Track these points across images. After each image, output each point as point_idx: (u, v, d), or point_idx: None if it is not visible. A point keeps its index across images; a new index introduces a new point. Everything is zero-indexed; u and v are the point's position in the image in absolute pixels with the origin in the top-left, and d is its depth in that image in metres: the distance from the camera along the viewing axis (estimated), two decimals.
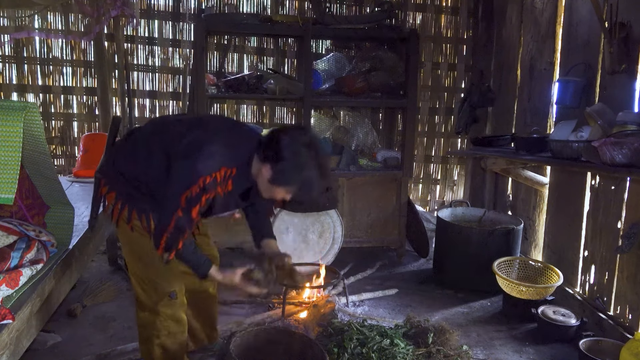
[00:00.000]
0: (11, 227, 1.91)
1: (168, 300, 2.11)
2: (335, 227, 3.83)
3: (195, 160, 1.78)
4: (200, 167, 1.77)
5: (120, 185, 1.98)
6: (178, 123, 2.01)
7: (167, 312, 2.12)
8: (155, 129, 2.03)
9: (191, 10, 4.53)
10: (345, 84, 3.88)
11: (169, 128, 1.99)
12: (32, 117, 1.90)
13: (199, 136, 1.86)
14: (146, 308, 2.13)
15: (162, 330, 2.13)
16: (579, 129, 2.72)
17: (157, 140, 1.95)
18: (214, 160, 1.80)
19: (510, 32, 4.25)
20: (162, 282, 2.09)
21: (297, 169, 1.78)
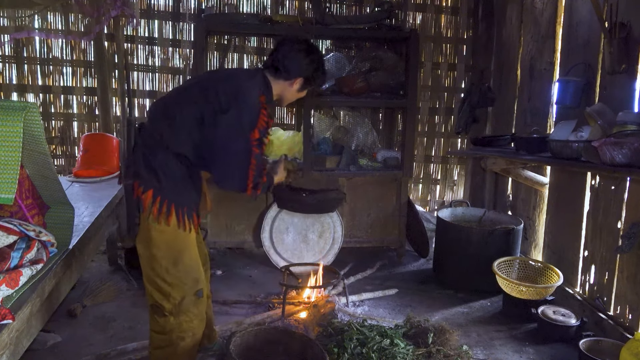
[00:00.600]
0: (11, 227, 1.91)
1: (195, 299, 2.11)
2: (335, 227, 3.83)
3: (246, 95, 2.00)
4: (254, 94, 2.02)
5: (156, 181, 2.00)
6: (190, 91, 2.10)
7: (194, 311, 2.11)
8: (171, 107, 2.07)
9: (191, 10, 4.53)
10: (345, 84, 3.88)
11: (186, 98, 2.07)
12: (32, 117, 1.90)
13: (231, 83, 2.04)
14: (170, 311, 2.07)
15: (187, 332, 2.11)
16: (579, 129, 2.72)
17: (181, 113, 2.02)
18: (256, 92, 2.04)
19: (510, 32, 4.25)
20: (190, 281, 2.09)
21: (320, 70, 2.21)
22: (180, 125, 2.01)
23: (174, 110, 2.04)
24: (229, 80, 2.06)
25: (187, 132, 2.01)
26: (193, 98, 2.04)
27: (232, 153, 1.97)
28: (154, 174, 2.00)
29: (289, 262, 3.67)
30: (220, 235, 3.86)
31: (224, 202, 3.79)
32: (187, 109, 2.02)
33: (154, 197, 1.99)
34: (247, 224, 3.88)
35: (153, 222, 2.01)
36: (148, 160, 2.01)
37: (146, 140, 2.05)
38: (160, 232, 2.03)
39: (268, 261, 3.81)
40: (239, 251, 4.17)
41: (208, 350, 2.51)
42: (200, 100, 2.01)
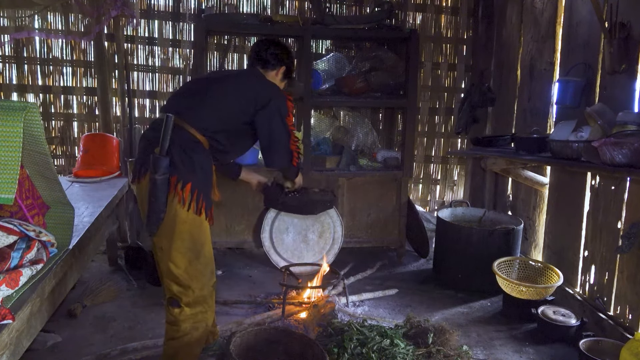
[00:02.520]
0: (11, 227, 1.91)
1: (212, 291, 2.25)
2: (335, 227, 3.83)
3: (275, 88, 2.39)
4: (277, 87, 2.43)
5: (192, 175, 2.11)
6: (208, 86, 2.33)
7: (210, 302, 2.23)
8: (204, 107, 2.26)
9: (191, 10, 4.53)
10: (345, 84, 3.88)
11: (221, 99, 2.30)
12: (32, 117, 1.90)
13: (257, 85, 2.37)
14: (187, 303, 2.16)
15: (201, 322, 2.20)
16: (579, 129, 2.72)
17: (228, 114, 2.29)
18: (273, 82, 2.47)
19: (510, 32, 4.25)
20: (209, 273, 2.22)
21: (292, 58, 2.57)
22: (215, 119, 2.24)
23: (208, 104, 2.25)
24: (251, 78, 2.40)
25: (222, 123, 2.26)
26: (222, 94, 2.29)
27: (280, 138, 2.32)
28: (192, 169, 2.12)
29: (289, 262, 3.67)
30: (220, 236, 3.86)
31: (224, 202, 3.79)
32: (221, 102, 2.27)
33: (192, 190, 2.10)
34: (247, 224, 3.88)
35: (190, 213, 2.10)
36: (187, 155, 2.12)
37: (181, 136, 2.14)
38: (190, 224, 2.12)
39: (268, 261, 3.81)
40: (239, 251, 4.17)
41: (208, 350, 2.51)
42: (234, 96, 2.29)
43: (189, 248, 2.14)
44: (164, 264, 2.17)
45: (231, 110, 2.28)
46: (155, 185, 2.06)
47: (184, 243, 2.13)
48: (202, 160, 2.17)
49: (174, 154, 2.09)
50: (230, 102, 2.28)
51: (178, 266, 2.13)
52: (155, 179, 2.05)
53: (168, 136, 2.08)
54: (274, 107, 2.30)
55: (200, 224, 2.15)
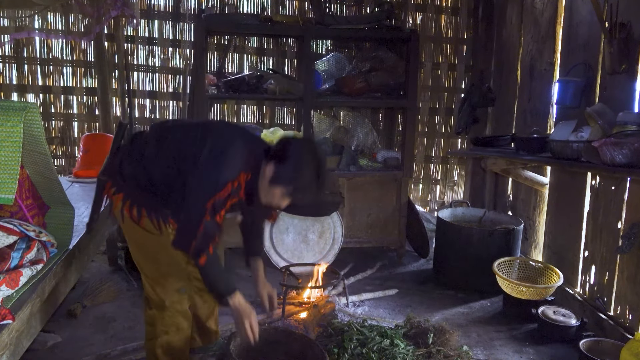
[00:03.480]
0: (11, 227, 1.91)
1: (178, 296, 2.16)
2: (335, 227, 3.83)
3: (221, 166, 1.83)
4: (226, 174, 1.82)
5: (127, 187, 2.01)
6: (188, 128, 2.03)
7: (176, 307, 2.17)
8: (163, 133, 2.03)
9: (191, 11, 4.52)
10: (346, 84, 3.88)
11: (179, 132, 2.01)
12: (32, 117, 1.90)
13: (220, 142, 1.89)
14: (155, 305, 2.15)
15: (170, 327, 2.17)
16: (579, 129, 2.72)
17: (168, 144, 1.97)
18: (236, 165, 1.85)
19: (510, 32, 4.25)
20: (170, 278, 2.13)
21: (296, 170, 1.83)
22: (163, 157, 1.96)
23: (169, 139, 1.99)
24: (221, 140, 1.90)
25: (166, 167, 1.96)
26: (185, 147, 1.94)
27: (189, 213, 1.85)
28: (129, 179, 2.00)
29: (289, 262, 3.67)
30: None
31: None
32: (177, 144, 1.96)
33: (124, 200, 2.00)
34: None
35: (124, 223, 2.04)
36: (125, 167, 2.01)
37: (133, 150, 2.04)
38: (133, 232, 2.06)
39: (268, 261, 3.80)
40: (239, 251, 4.16)
41: (208, 350, 2.51)
42: (193, 145, 1.92)
43: (141, 255, 2.14)
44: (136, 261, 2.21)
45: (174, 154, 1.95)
46: (98, 184, 2.11)
47: (135, 248, 2.14)
48: (142, 180, 2.00)
49: (115, 162, 2.06)
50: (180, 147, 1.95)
51: (140, 268, 2.16)
52: (99, 180, 2.10)
53: (117, 141, 2.11)
54: (204, 172, 1.83)
55: (145, 233, 2.03)
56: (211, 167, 1.83)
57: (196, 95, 3.75)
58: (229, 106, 4.79)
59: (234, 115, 4.82)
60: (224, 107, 4.79)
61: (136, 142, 2.08)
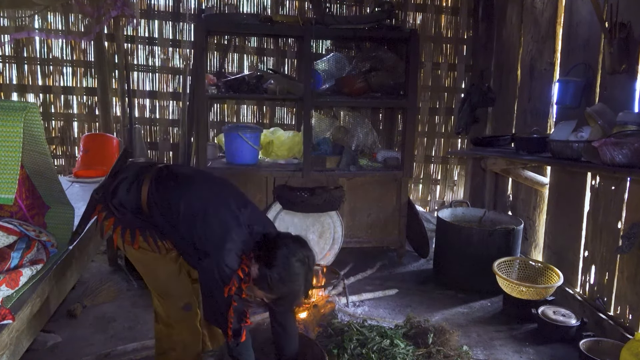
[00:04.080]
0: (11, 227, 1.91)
1: (183, 313, 2.13)
2: (335, 227, 3.83)
3: (223, 257, 1.78)
4: (231, 263, 1.79)
5: (118, 213, 2.00)
6: (190, 195, 1.94)
7: (182, 324, 2.15)
8: (168, 185, 1.97)
9: (191, 10, 4.53)
10: (345, 84, 3.88)
11: (182, 197, 1.92)
12: (32, 117, 1.90)
13: (221, 228, 1.84)
14: (162, 320, 2.15)
15: (178, 344, 2.15)
16: (579, 129, 2.72)
17: (168, 202, 1.94)
18: (238, 251, 1.82)
19: (510, 32, 4.25)
20: (173, 296, 2.11)
21: (283, 281, 1.78)
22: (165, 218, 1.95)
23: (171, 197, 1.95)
24: (221, 224, 1.85)
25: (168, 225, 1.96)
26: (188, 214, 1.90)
27: (213, 299, 1.84)
28: (121, 208, 1.99)
29: None
30: None
31: None
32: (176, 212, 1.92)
33: (115, 225, 2.01)
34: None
35: (119, 245, 2.05)
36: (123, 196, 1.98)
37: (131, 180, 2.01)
38: (130, 253, 2.08)
39: None
40: None
41: (208, 351, 2.50)
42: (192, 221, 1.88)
43: (142, 272, 2.15)
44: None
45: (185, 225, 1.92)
46: (91, 199, 2.08)
47: (137, 265, 2.15)
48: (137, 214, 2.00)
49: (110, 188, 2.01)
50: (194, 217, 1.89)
51: (146, 282, 2.17)
52: (92, 197, 2.08)
53: (116, 167, 2.08)
54: (213, 264, 1.81)
55: (142, 253, 2.04)
56: (215, 258, 1.79)
57: (196, 95, 3.75)
58: (229, 106, 4.80)
59: (234, 115, 4.82)
60: (224, 107, 4.80)
61: (140, 175, 2.02)
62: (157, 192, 1.97)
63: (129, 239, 1.99)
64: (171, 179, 2.01)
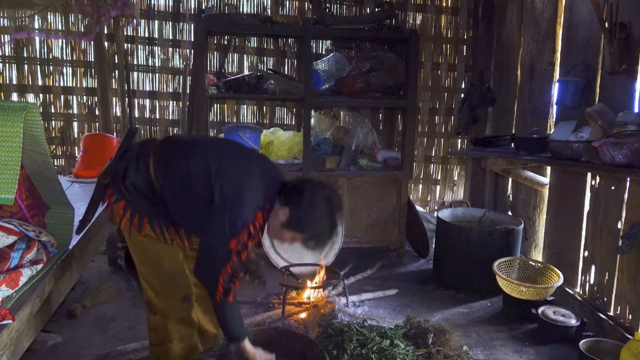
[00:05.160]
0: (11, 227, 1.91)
1: (181, 304, 2.12)
2: None
3: (239, 210, 1.82)
4: (245, 217, 1.83)
5: (129, 195, 1.97)
6: (199, 156, 1.93)
7: (179, 315, 2.13)
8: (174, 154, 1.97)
9: (191, 11, 4.53)
10: (345, 84, 3.88)
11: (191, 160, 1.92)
12: (32, 117, 1.90)
13: (233, 183, 1.86)
14: (158, 312, 2.13)
15: (173, 334, 2.14)
16: (579, 129, 2.72)
17: (178, 170, 1.92)
18: (252, 208, 1.85)
19: (510, 32, 4.25)
20: (174, 286, 2.10)
21: (312, 220, 1.87)
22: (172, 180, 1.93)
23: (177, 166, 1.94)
24: (236, 177, 1.88)
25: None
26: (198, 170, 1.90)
27: (211, 254, 1.85)
28: (131, 189, 1.96)
29: (289, 262, 3.67)
30: None
31: None
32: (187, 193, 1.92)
33: (125, 209, 1.97)
34: None
35: (125, 230, 2.01)
36: (134, 176, 1.96)
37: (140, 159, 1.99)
38: (135, 240, 2.03)
39: (268, 261, 3.80)
40: None
41: (208, 351, 2.50)
42: (204, 177, 1.88)
43: (144, 262, 2.09)
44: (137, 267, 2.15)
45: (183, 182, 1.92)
46: (97, 187, 2.03)
47: (139, 255, 2.08)
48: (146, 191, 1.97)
49: (119, 169, 1.98)
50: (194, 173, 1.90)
51: (143, 275, 2.11)
52: (99, 182, 2.03)
53: (123, 147, 2.03)
54: (222, 218, 1.82)
55: (149, 241, 2.01)
56: (229, 211, 1.82)
57: (196, 95, 3.75)
58: (229, 106, 4.79)
59: (234, 115, 4.82)
60: (224, 107, 4.79)
61: (144, 151, 2.01)
62: (164, 163, 1.95)
63: (136, 224, 1.96)
64: (175, 146, 2.03)
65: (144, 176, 1.96)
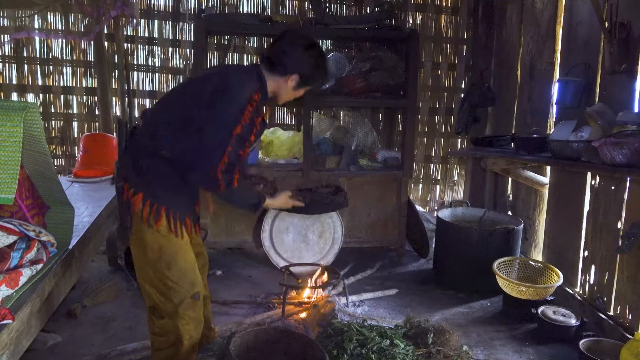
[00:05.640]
0: (11, 227, 1.91)
1: (192, 302, 2.09)
2: (335, 227, 3.83)
3: (234, 89, 1.92)
4: (247, 90, 1.93)
5: (145, 182, 1.98)
6: (185, 86, 2.14)
7: (190, 314, 2.09)
8: (164, 105, 2.09)
9: (191, 10, 4.53)
10: (346, 84, 3.88)
11: (179, 94, 2.08)
12: (32, 117, 1.91)
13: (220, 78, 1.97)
14: (166, 314, 2.07)
15: (184, 335, 2.09)
16: (579, 129, 2.72)
17: (176, 107, 2.01)
18: (247, 85, 1.96)
19: (510, 32, 4.25)
20: (186, 284, 2.06)
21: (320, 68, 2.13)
22: (171, 127, 1.97)
23: (166, 111, 2.02)
24: (218, 76, 1.99)
25: (175, 133, 1.96)
26: (184, 98, 2.00)
27: (207, 147, 1.90)
28: (144, 178, 1.98)
29: (289, 262, 3.67)
30: (220, 236, 3.86)
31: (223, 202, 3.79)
32: (178, 109, 2.00)
33: (144, 200, 1.97)
34: (247, 224, 3.88)
35: (143, 224, 1.99)
36: (139, 164, 1.99)
37: (138, 143, 2.03)
38: (152, 235, 2.01)
39: (268, 261, 3.81)
40: (239, 251, 4.17)
41: (208, 351, 2.50)
42: (189, 99, 1.97)
43: (158, 259, 2.02)
44: (138, 271, 2.10)
45: (177, 103, 2.02)
46: (117, 191, 2.03)
47: (153, 254, 2.02)
48: (157, 169, 2.00)
49: (126, 161, 2.02)
50: (182, 108, 1.99)
51: (153, 275, 2.05)
52: (116, 187, 2.03)
53: (122, 143, 2.04)
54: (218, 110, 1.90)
55: (165, 236, 2.02)
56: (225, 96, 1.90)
57: None
58: None
59: None
60: None
61: (138, 134, 2.06)
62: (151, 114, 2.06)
63: (154, 215, 1.97)
64: (157, 103, 2.16)
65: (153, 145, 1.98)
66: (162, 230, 1.99)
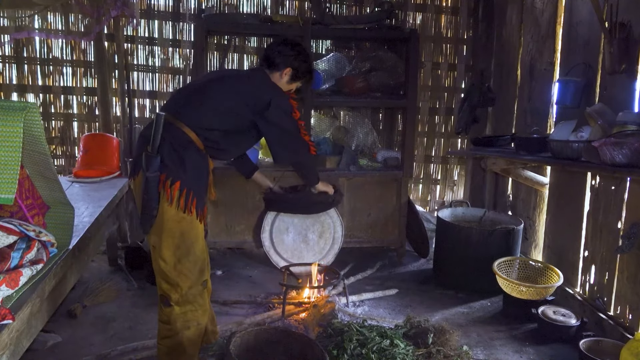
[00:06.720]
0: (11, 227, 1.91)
1: (201, 289, 2.24)
2: (335, 227, 3.83)
3: (275, 87, 2.38)
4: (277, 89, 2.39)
5: (182, 173, 2.12)
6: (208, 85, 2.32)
7: (199, 301, 2.23)
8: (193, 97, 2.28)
9: (191, 10, 4.53)
10: (346, 84, 3.88)
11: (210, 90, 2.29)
12: (32, 117, 1.90)
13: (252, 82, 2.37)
14: (176, 301, 2.18)
15: (192, 321, 2.22)
16: (579, 129, 2.72)
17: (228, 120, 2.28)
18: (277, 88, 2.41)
19: (510, 32, 4.25)
20: (198, 271, 2.21)
21: (307, 61, 2.47)
22: (212, 117, 2.23)
23: (205, 103, 2.24)
24: (252, 80, 2.37)
25: (218, 121, 2.24)
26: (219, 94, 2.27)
27: (290, 134, 2.36)
28: (182, 167, 2.12)
29: (289, 262, 3.67)
30: (220, 236, 3.86)
31: (224, 202, 3.79)
32: (231, 121, 2.28)
33: (181, 188, 2.11)
34: (247, 224, 3.88)
35: (176, 211, 2.11)
36: (180, 154, 2.13)
37: (174, 134, 2.16)
38: (179, 222, 2.13)
39: (268, 261, 3.81)
40: (239, 251, 4.17)
41: (208, 350, 2.51)
42: (232, 96, 2.27)
43: (178, 245, 2.16)
44: (155, 261, 2.21)
45: (226, 111, 2.26)
46: (147, 183, 2.10)
47: (173, 240, 2.15)
48: (194, 159, 2.18)
49: (164, 152, 2.12)
50: (226, 102, 2.26)
51: (167, 263, 2.16)
52: (146, 177, 2.10)
53: (159, 134, 2.10)
54: (277, 108, 2.30)
55: (190, 222, 2.17)
56: (275, 98, 2.32)
57: None
58: None
59: None
60: None
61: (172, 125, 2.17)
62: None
63: (189, 203, 2.13)
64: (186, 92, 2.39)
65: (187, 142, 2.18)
66: (191, 217, 2.14)
